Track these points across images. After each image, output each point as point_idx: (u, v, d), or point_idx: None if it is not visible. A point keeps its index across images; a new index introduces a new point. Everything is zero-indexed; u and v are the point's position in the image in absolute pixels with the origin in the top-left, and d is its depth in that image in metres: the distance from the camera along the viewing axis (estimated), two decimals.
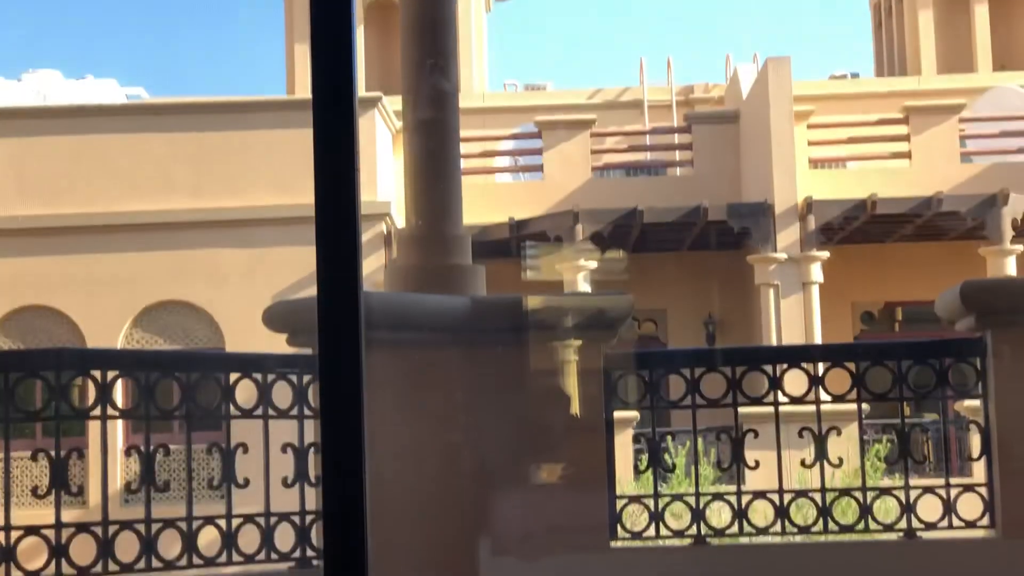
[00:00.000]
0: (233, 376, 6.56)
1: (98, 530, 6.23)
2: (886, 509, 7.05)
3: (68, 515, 6.37)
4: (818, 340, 20.30)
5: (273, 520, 6.58)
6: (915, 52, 29.15)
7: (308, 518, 6.58)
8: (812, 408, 6.99)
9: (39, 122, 20.93)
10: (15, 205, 20.34)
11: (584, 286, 20.55)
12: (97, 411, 6.31)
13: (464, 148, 9.02)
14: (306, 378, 6.59)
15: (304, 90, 27.09)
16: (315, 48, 2.98)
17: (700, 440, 7.75)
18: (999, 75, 27.07)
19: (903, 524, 6.94)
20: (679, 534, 6.95)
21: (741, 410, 6.94)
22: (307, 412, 6.58)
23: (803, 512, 7.03)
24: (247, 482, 6.46)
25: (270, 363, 6.68)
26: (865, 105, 24.94)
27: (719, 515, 7.05)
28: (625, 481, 14.48)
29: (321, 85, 2.94)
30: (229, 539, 6.46)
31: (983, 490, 6.91)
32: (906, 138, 22.26)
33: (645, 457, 7.12)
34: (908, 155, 22.29)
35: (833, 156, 23.28)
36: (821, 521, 6.94)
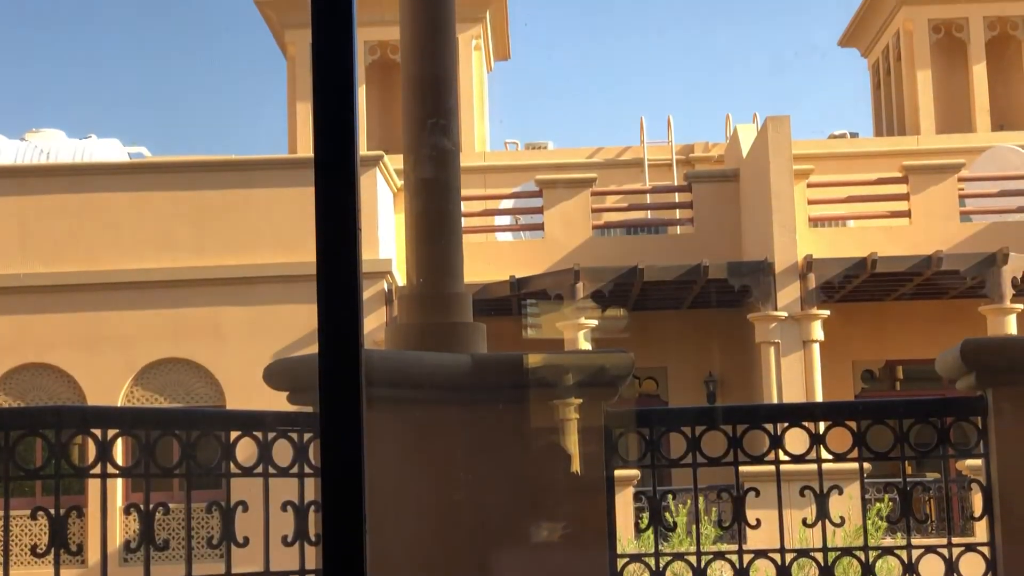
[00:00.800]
0: (234, 434, 6.54)
1: None
2: (888, 569, 7.02)
3: (67, 574, 6.34)
4: (819, 398, 20.26)
5: None
6: (914, 112, 29.29)
7: None
8: (813, 467, 6.97)
9: (42, 180, 21.01)
10: (17, 263, 20.38)
11: (585, 344, 20.55)
12: (97, 469, 6.29)
13: (465, 206, 9.05)
14: (307, 436, 6.58)
15: (306, 149, 27.22)
16: (317, 107, 3.00)
17: (701, 499, 7.73)
18: (997, 135, 27.19)
19: None
20: None
21: (742, 468, 6.92)
22: (308, 470, 6.57)
23: (805, 572, 7.00)
24: (247, 541, 6.43)
25: (271, 421, 6.67)
26: (864, 164, 25.05)
27: (720, 574, 7.02)
28: (626, 539, 14.43)
29: (323, 144, 2.96)
30: None
31: (985, 550, 6.88)
32: (905, 197, 22.33)
33: (646, 515, 7.09)
34: (908, 214, 22.34)
35: (833, 215, 23.34)
36: None
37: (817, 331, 20.82)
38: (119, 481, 17.29)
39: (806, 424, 7.09)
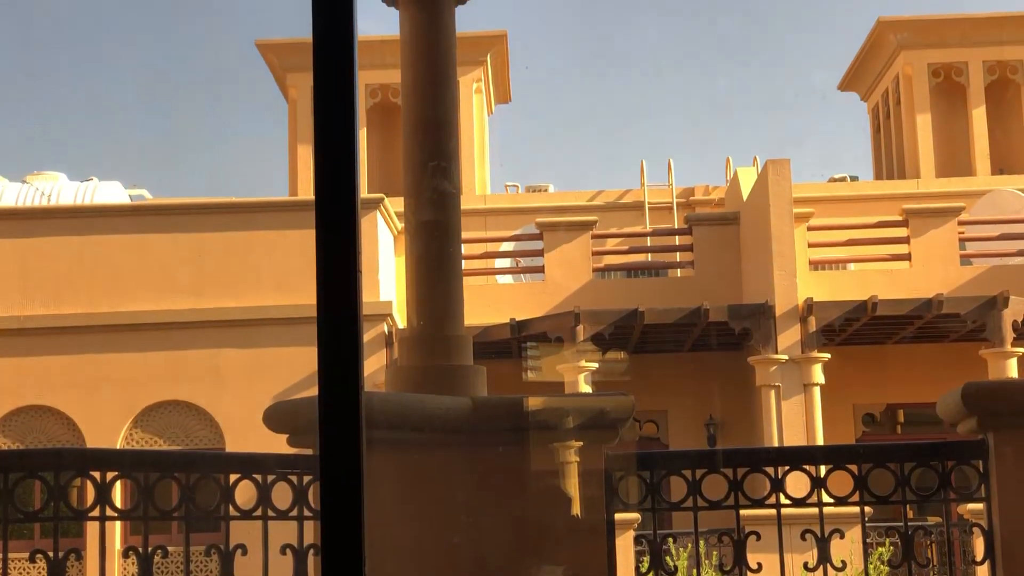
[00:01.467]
0: (233, 476, 6.53)
1: None
2: None
3: None
4: (820, 441, 20.22)
5: None
6: (914, 155, 29.36)
7: None
8: (815, 510, 6.95)
9: (42, 223, 21.04)
10: (17, 305, 20.39)
11: (585, 387, 20.52)
12: (96, 512, 6.28)
13: (465, 249, 9.06)
14: (306, 478, 6.57)
15: (307, 191, 27.26)
16: (318, 150, 3.01)
17: (702, 542, 7.70)
18: (997, 178, 27.25)
19: None
20: None
21: (743, 512, 6.90)
22: (307, 513, 6.55)
23: None
24: None
25: (270, 463, 6.65)
26: (864, 207, 25.09)
27: None
28: None
29: (324, 187, 2.97)
30: None
31: None
32: (906, 240, 22.35)
33: (647, 559, 7.07)
34: (908, 257, 22.36)
35: (833, 258, 23.36)
36: None
37: (818, 374, 20.79)
38: (118, 524, 17.24)
39: (807, 467, 7.07)
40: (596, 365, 20.89)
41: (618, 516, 6.95)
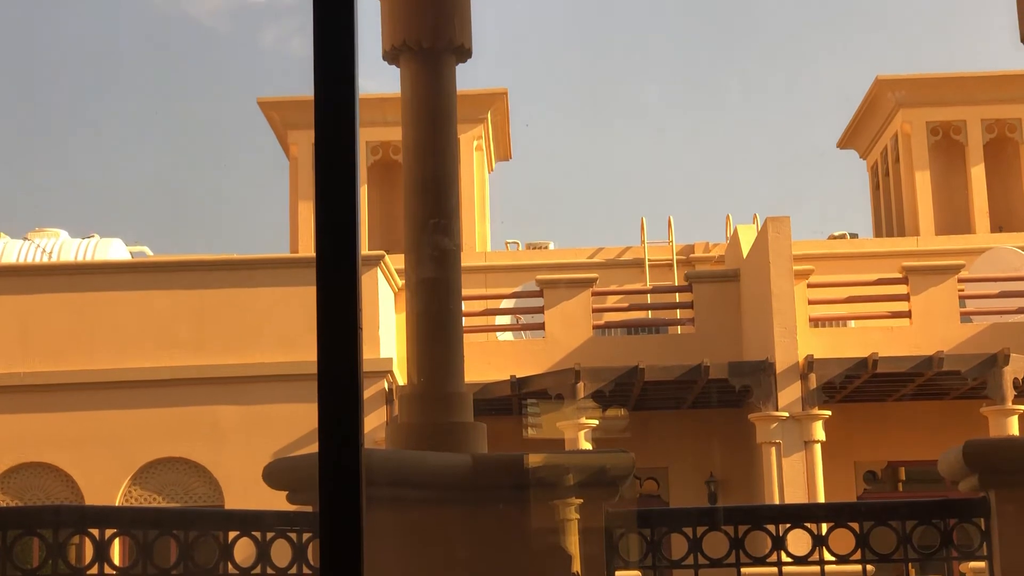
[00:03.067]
0: (232, 534, 6.51)
1: None
2: None
3: None
4: (821, 499, 20.15)
5: None
6: (913, 213, 29.43)
7: None
8: (816, 568, 6.92)
9: (44, 279, 21.06)
10: (18, 362, 20.38)
11: (585, 444, 20.47)
12: (94, 569, 6.25)
13: (466, 306, 9.07)
14: (306, 536, 6.54)
15: (308, 248, 27.31)
16: (319, 207, 3.02)
17: None
18: (996, 236, 27.30)
19: None
20: None
21: (744, 570, 6.87)
22: (306, 571, 6.52)
23: None
24: None
25: (269, 521, 6.63)
26: (864, 265, 25.12)
27: None
28: None
29: (325, 244, 2.98)
30: None
31: None
32: (906, 298, 22.36)
33: None
34: (908, 314, 22.37)
35: (833, 315, 23.36)
36: None
37: (819, 431, 20.75)
38: None
39: (808, 525, 7.05)
40: (596, 422, 20.86)
41: (619, 574, 6.91)
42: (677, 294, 24.62)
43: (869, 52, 55.12)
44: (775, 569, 6.92)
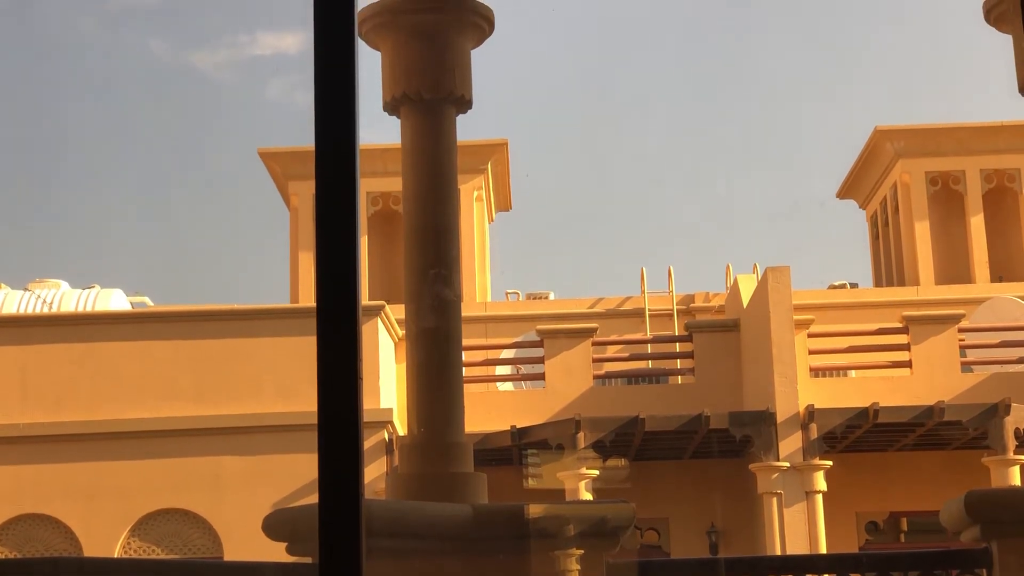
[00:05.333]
0: None
1: None
2: None
3: None
4: (823, 550, 20.07)
5: None
6: (913, 262, 29.46)
7: None
8: None
9: (43, 330, 21.07)
10: (18, 413, 20.35)
11: (586, 494, 20.41)
12: None
13: (466, 356, 9.07)
14: None
15: (308, 298, 27.33)
16: (319, 258, 3.03)
17: None
18: (996, 286, 27.31)
19: None
20: None
21: None
22: None
23: None
24: None
25: (269, 572, 6.61)
26: (864, 315, 25.11)
27: None
28: None
29: (325, 294, 2.98)
30: None
31: None
32: (906, 347, 22.35)
33: None
34: (909, 364, 22.35)
35: (834, 365, 23.34)
36: None
37: (820, 482, 20.70)
38: None
39: None
40: (597, 472, 20.81)
41: None
42: (677, 344, 24.62)
43: (868, 103, 55.33)
44: None
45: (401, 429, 20.69)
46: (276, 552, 6.77)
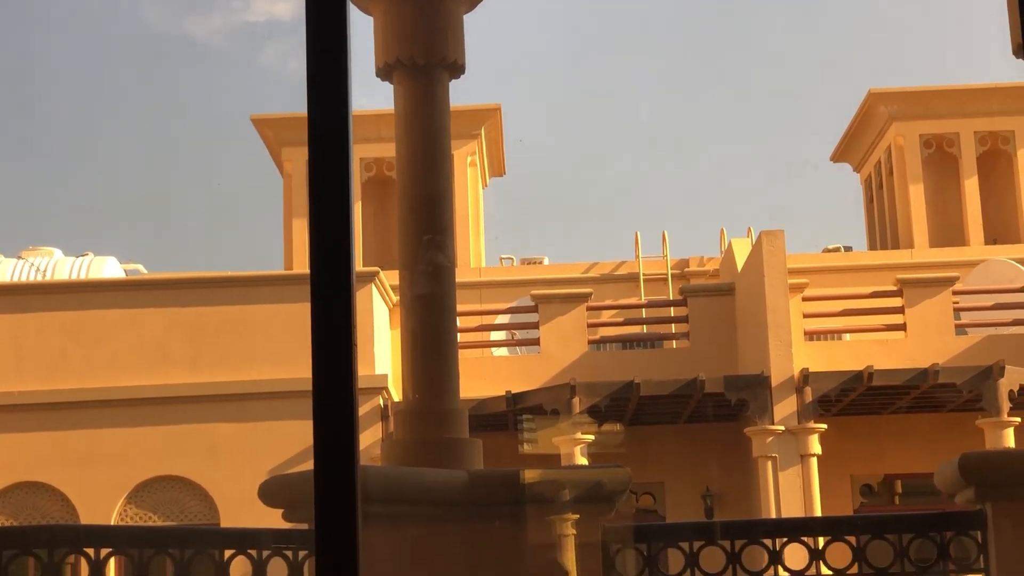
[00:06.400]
0: (228, 552, 6.49)
1: None
2: None
3: None
4: (818, 513, 20.13)
5: None
6: (907, 226, 29.46)
7: None
8: None
9: (37, 298, 21.04)
10: (12, 381, 20.34)
11: (581, 459, 20.45)
12: None
13: (461, 322, 9.06)
14: (302, 554, 6.53)
15: (302, 265, 27.29)
16: (313, 225, 3.02)
17: None
18: (991, 248, 27.34)
19: None
20: None
21: None
22: None
23: None
24: None
25: (265, 539, 6.62)
26: (859, 278, 25.14)
27: None
28: None
29: (319, 261, 2.97)
30: None
31: None
32: (900, 310, 22.37)
33: None
34: (903, 327, 22.37)
35: (828, 328, 23.37)
36: None
37: (815, 445, 20.75)
38: None
39: (805, 539, 7.04)
40: (592, 437, 20.84)
41: None
42: (672, 308, 24.62)
43: (862, 66, 55.23)
44: None
45: (396, 395, 20.71)
46: (272, 519, 6.78)
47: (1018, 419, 20.52)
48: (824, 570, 6.92)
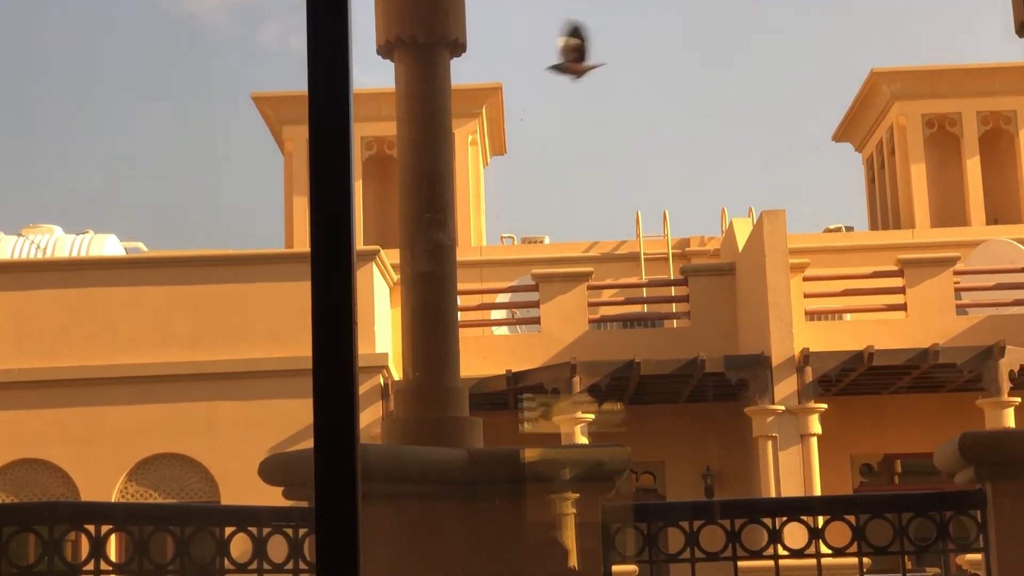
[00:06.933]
0: (228, 530, 6.50)
1: None
2: None
3: None
4: (818, 492, 20.17)
5: None
6: (908, 206, 29.44)
7: None
8: (813, 561, 6.92)
9: (37, 275, 21.03)
10: (13, 358, 20.35)
11: (582, 438, 20.48)
12: (91, 566, 6.24)
13: (461, 301, 9.06)
14: (302, 531, 6.54)
15: (303, 243, 27.30)
16: (314, 203, 3.01)
17: None
18: (992, 228, 27.32)
19: None
20: None
21: (741, 563, 6.87)
22: (303, 566, 6.51)
23: None
24: None
25: (265, 516, 6.62)
26: (860, 258, 25.12)
27: None
28: None
29: (319, 239, 2.97)
30: None
31: None
32: (901, 290, 22.37)
33: None
34: (904, 307, 22.38)
35: (829, 308, 23.37)
36: None
37: (815, 425, 20.77)
38: None
39: (805, 518, 7.05)
40: (592, 416, 20.85)
41: (615, 568, 6.91)
42: (673, 288, 24.63)
43: (864, 45, 55.15)
44: (771, 562, 6.91)
45: (396, 374, 20.72)
46: (273, 496, 6.79)
47: (1018, 399, 20.53)
48: (823, 549, 6.92)
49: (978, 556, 6.99)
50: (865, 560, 7.05)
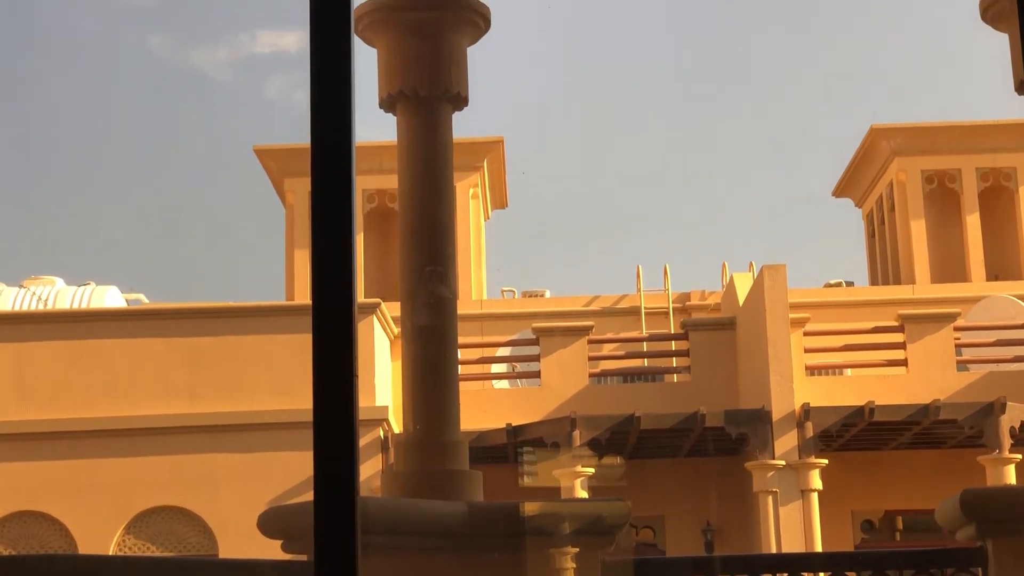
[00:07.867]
0: None
1: None
2: None
3: None
4: (818, 548, 20.08)
5: None
6: (908, 261, 29.48)
7: None
8: None
9: (39, 327, 21.04)
10: (13, 410, 20.32)
11: (581, 492, 20.41)
12: None
13: (462, 354, 9.06)
14: None
15: (304, 295, 27.31)
16: (315, 256, 3.03)
17: None
18: (992, 284, 27.33)
19: None
20: None
21: None
22: None
23: None
24: None
25: (264, 570, 6.60)
26: (860, 313, 25.11)
27: None
28: None
29: (321, 292, 2.98)
30: None
31: None
32: (902, 346, 22.36)
33: None
34: (904, 363, 22.36)
35: (830, 363, 23.35)
36: None
37: (815, 480, 20.71)
38: None
39: (805, 574, 7.02)
40: (592, 470, 20.80)
41: None
42: (673, 342, 24.62)
43: (864, 101, 55.38)
44: None
45: (396, 427, 20.68)
46: (271, 550, 6.76)
47: (1019, 456, 20.47)
48: None
49: None
50: None
